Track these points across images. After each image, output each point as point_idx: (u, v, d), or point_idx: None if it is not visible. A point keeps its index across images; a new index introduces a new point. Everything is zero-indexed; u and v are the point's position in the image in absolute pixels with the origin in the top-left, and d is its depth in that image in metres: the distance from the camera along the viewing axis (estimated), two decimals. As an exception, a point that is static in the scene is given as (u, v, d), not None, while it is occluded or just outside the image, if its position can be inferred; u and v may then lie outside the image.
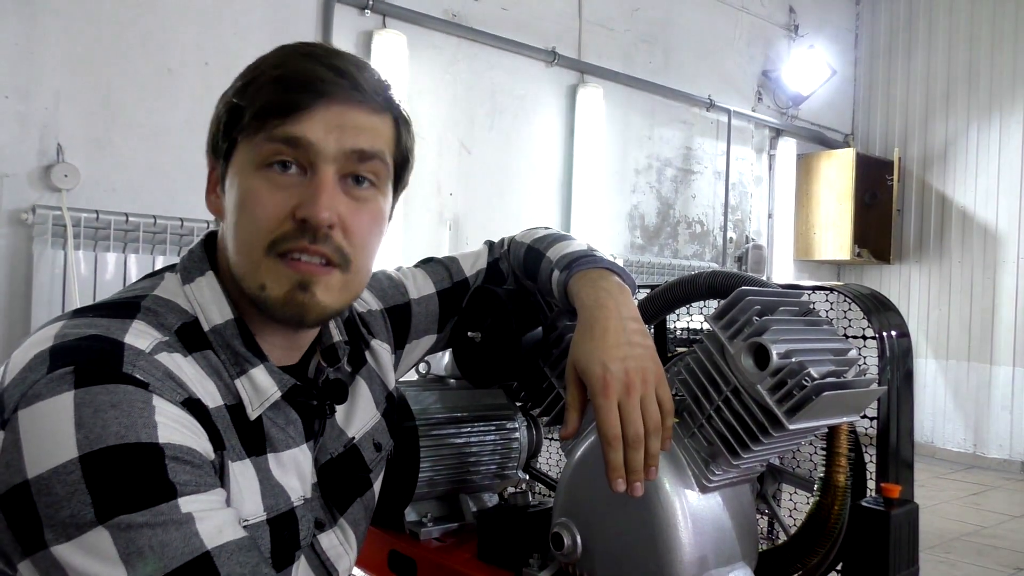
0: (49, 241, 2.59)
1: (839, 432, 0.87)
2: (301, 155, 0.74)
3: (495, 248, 1.14)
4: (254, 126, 0.74)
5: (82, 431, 0.61)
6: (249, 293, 0.76)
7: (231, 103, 0.76)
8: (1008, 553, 3.49)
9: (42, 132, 2.67)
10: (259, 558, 0.67)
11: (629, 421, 0.80)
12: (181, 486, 0.63)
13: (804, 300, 0.89)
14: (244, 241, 0.75)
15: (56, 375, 0.63)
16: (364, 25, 3.47)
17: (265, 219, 0.74)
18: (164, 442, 0.63)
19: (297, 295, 0.75)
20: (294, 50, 0.77)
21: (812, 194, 5.55)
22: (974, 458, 5.37)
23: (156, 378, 0.67)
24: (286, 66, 0.75)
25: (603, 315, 0.87)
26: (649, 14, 4.65)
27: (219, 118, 0.78)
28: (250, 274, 0.75)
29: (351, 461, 0.90)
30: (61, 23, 2.71)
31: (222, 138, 0.77)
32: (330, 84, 0.74)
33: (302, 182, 0.74)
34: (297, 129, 0.73)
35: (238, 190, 0.75)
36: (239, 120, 0.75)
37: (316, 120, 0.74)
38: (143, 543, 0.60)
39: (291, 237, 0.74)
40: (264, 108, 0.73)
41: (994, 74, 5.41)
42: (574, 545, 0.92)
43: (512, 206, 3.98)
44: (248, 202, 0.74)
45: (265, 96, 0.74)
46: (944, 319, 5.61)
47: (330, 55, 0.77)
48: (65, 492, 0.60)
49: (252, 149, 0.74)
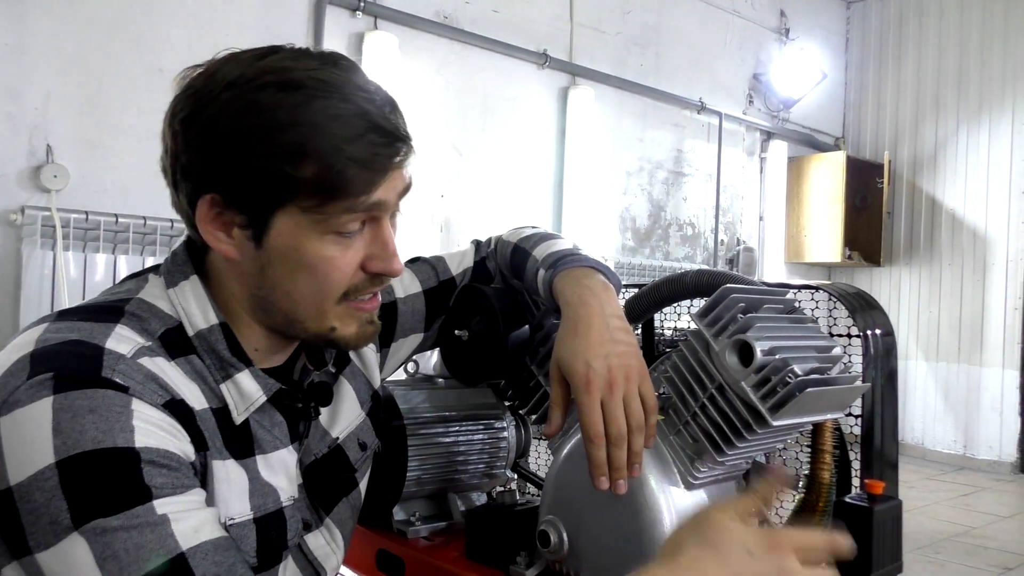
0: (38, 242, 2.58)
1: (823, 429, 0.88)
2: (370, 215, 0.76)
3: (482, 247, 1.14)
4: (323, 199, 0.72)
5: (59, 437, 0.61)
6: (313, 332, 0.79)
7: (282, 171, 0.70)
8: (997, 553, 3.51)
9: (32, 132, 2.67)
10: (236, 558, 0.67)
11: (612, 419, 0.81)
12: (157, 489, 0.63)
13: (789, 298, 0.89)
14: (311, 297, 0.77)
15: (36, 381, 0.63)
16: (355, 27, 3.47)
17: (340, 278, 0.77)
18: (141, 446, 0.64)
19: (366, 329, 0.82)
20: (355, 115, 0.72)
21: (803, 197, 5.57)
22: (964, 459, 5.40)
23: (137, 381, 0.67)
24: (364, 142, 0.72)
25: (587, 313, 0.87)
26: (640, 17, 4.66)
27: (252, 176, 0.71)
28: (316, 319, 0.78)
29: (336, 461, 0.90)
30: (51, 23, 2.70)
31: (256, 198, 0.72)
32: (404, 154, 0.76)
33: (362, 233, 0.77)
34: (374, 198, 0.74)
35: (303, 255, 0.74)
36: (293, 189, 0.71)
37: (388, 183, 0.75)
38: (118, 546, 0.61)
39: (363, 288, 0.79)
40: (344, 188, 0.72)
41: (983, 78, 5.44)
42: (561, 543, 0.92)
43: (503, 208, 3.99)
44: (321, 267, 0.75)
45: (349, 178, 0.71)
46: (934, 321, 5.63)
47: (393, 109, 0.76)
48: (43, 499, 0.60)
49: (323, 219, 0.73)
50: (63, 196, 2.68)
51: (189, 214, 0.76)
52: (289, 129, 0.70)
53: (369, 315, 0.81)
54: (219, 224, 0.74)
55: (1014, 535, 3.83)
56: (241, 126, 0.70)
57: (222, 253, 0.76)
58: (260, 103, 0.70)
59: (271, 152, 0.70)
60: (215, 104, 0.71)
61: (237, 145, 0.71)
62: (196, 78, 0.74)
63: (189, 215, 0.76)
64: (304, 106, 0.70)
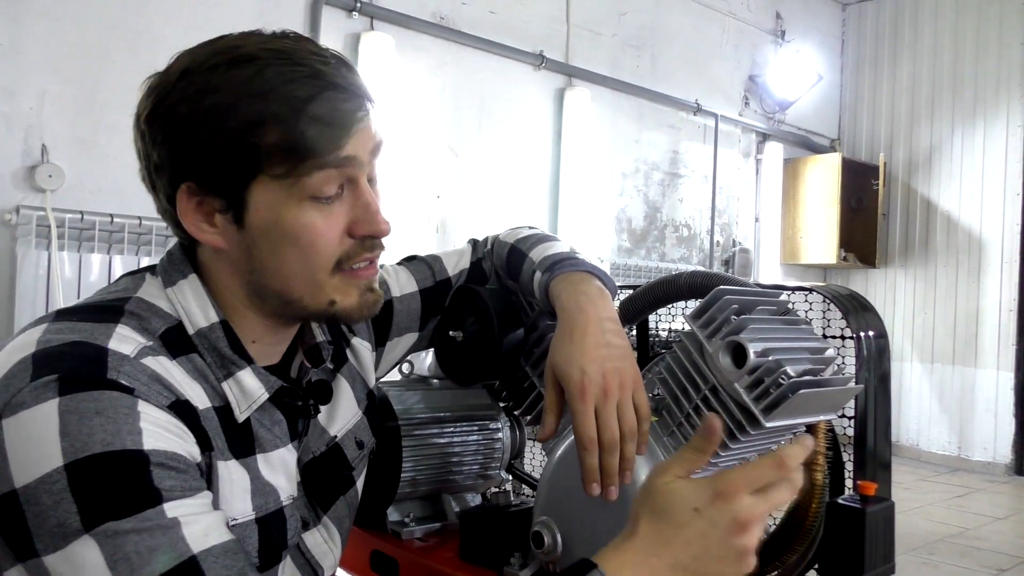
0: (33, 242, 2.58)
1: (816, 431, 0.88)
2: (343, 174, 0.75)
3: (479, 247, 1.14)
4: (292, 163, 0.71)
5: (67, 439, 0.61)
6: (315, 309, 0.78)
7: (246, 142, 0.70)
8: (991, 554, 3.52)
9: (26, 132, 2.66)
10: (244, 561, 0.67)
11: (605, 426, 0.81)
12: (166, 492, 0.63)
13: (782, 300, 0.89)
14: (302, 270, 0.76)
15: (40, 383, 0.63)
16: (352, 27, 3.47)
17: (326, 246, 0.75)
18: (149, 448, 0.63)
19: (368, 297, 0.81)
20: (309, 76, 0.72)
21: (798, 198, 5.58)
22: (959, 461, 5.41)
23: (142, 383, 0.67)
24: (322, 100, 0.72)
25: (583, 319, 0.87)
26: (636, 19, 4.67)
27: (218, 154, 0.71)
28: (314, 294, 0.77)
29: (334, 460, 0.91)
30: (47, 23, 2.69)
31: (227, 175, 0.72)
32: (366, 110, 0.75)
33: (343, 197, 0.76)
34: (344, 152, 0.73)
35: (284, 226, 0.73)
36: (260, 158, 0.71)
37: (355, 138, 0.74)
38: (130, 549, 0.61)
39: (355, 254, 0.77)
40: (310, 148, 0.71)
41: (978, 81, 5.46)
42: (554, 543, 0.92)
43: (500, 209, 3.99)
44: (304, 236, 0.74)
45: (311, 137, 0.71)
46: (929, 323, 5.65)
47: (348, 70, 0.76)
48: (51, 501, 0.60)
49: (295, 185, 0.72)
50: (58, 196, 2.67)
51: (171, 212, 0.76)
52: (245, 100, 0.70)
53: (367, 282, 0.80)
54: (200, 214, 0.75)
55: (1008, 536, 3.84)
56: (199, 108, 0.71)
57: (209, 244, 0.76)
58: (213, 82, 0.71)
59: (232, 126, 0.71)
60: (172, 95, 0.72)
61: (198, 127, 0.71)
62: (153, 77, 0.75)
63: (172, 213, 0.76)
64: (257, 76, 0.71)
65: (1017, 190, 5.26)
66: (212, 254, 0.78)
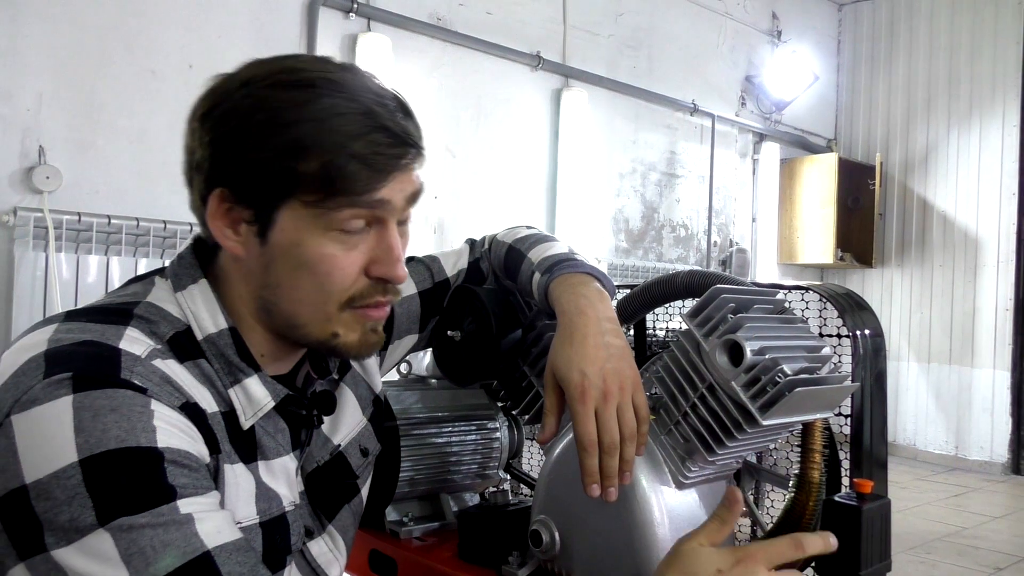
0: (30, 243, 2.58)
1: (813, 429, 0.88)
2: (374, 214, 0.76)
3: (476, 247, 1.14)
4: (326, 194, 0.72)
5: (82, 435, 0.61)
6: (316, 338, 0.79)
7: (286, 165, 0.71)
8: (988, 553, 3.52)
9: (24, 134, 2.66)
10: (256, 559, 0.68)
11: (605, 428, 0.82)
12: (180, 489, 0.64)
13: (779, 299, 0.90)
14: (314, 298, 0.76)
15: (54, 380, 0.63)
16: (349, 28, 3.47)
17: (341, 280, 0.76)
18: (163, 446, 0.64)
19: (370, 337, 0.81)
20: (361, 113, 0.73)
21: (795, 198, 5.59)
22: (956, 460, 5.42)
23: (154, 383, 0.67)
24: (368, 140, 0.72)
25: (582, 322, 0.87)
26: (633, 19, 4.68)
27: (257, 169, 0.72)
28: (319, 324, 0.78)
29: (338, 468, 0.91)
30: (44, 25, 2.69)
31: (261, 191, 0.73)
32: (411, 158, 0.76)
33: (367, 235, 0.76)
34: (382, 193, 0.74)
35: (304, 251, 0.74)
36: (293, 181, 0.72)
37: (393, 183, 0.75)
38: (144, 543, 0.61)
39: (367, 294, 0.78)
40: (345, 185, 0.72)
41: (974, 81, 5.47)
42: (552, 542, 0.93)
43: (497, 209, 3.99)
44: (322, 265, 0.75)
45: (349, 174, 0.72)
46: (926, 322, 5.66)
47: (405, 114, 0.77)
48: (65, 496, 0.60)
49: (323, 215, 0.73)
50: (55, 197, 2.68)
51: (201, 211, 0.77)
52: (294, 124, 0.71)
53: (374, 324, 0.81)
54: (228, 220, 0.76)
55: (1005, 535, 3.85)
56: (250, 121, 0.72)
57: (229, 250, 0.77)
58: (269, 99, 0.72)
59: (276, 146, 0.72)
60: (229, 101, 0.74)
61: (245, 139, 0.72)
62: (218, 78, 0.77)
63: (201, 212, 0.77)
64: (311, 103, 0.72)
65: (1013, 190, 5.28)
66: (231, 261, 0.79)
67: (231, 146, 0.73)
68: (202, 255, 0.81)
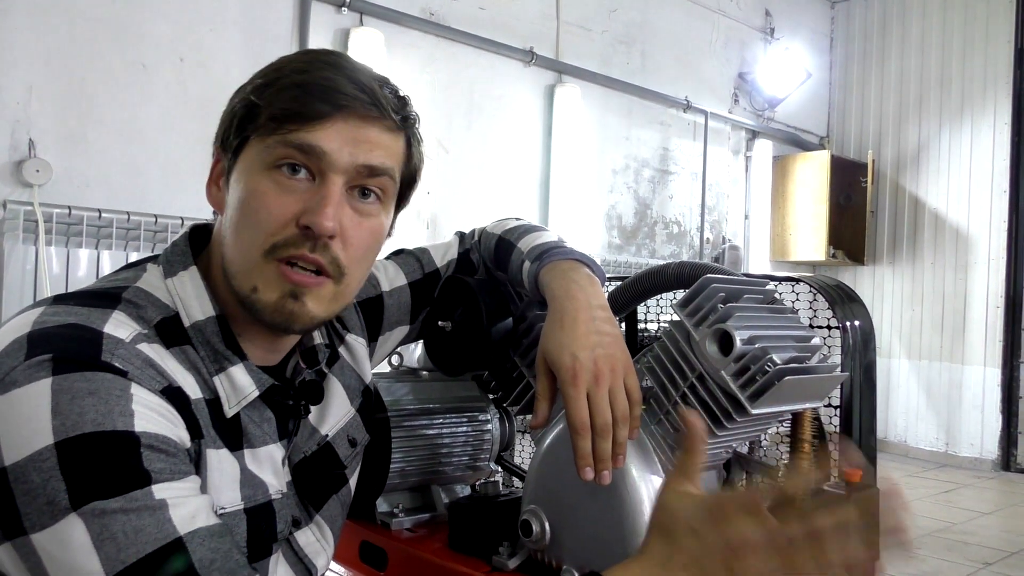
0: (20, 237, 2.56)
1: (802, 419, 0.89)
2: (312, 162, 0.74)
3: (466, 239, 1.14)
4: (269, 127, 0.74)
5: (58, 418, 0.61)
6: (239, 292, 0.76)
7: (248, 100, 0.76)
8: (977, 549, 3.54)
9: (14, 127, 2.64)
10: (231, 544, 0.67)
11: (598, 411, 0.82)
12: (156, 474, 0.63)
13: (769, 289, 0.90)
14: (243, 240, 0.75)
15: (34, 362, 0.63)
16: (341, 23, 3.46)
17: (268, 221, 0.74)
18: (140, 431, 0.64)
19: (288, 303, 0.75)
20: (319, 57, 0.77)
21: (788, 195, 5.60)
22: (946, 457, 5.45)
23: (135, 366, 0.67)
24: (309, 73, 0.75)
25: (573, 306, 0.87)
26: (626, 16, 4.68)
27: (233, 112, 0.77)
28: (244, 274, 0.75)
29: (325, 459, 0.90)
30: (34, 17, 2.68)
31: (234, 133, 0.77)
32: (351, 97, 0.75)
33: (309, 188, 0.75)
34: (312, 137, 0.74)
35: (244, 188, 0.75)
36: (254, 118, 0.75)
37: (332, 131, 0.74)
38: (116, 528, 0.61)
39: (292, 243, 0.74)
40: (282, 112, 0.74)
41: (965, 78, 5.50)
42: (543, 532, 0.93)
43: (490, 205, 3.99)
44: (253, 201, 0.74)
45: (285, 100, 0.74)
46: (917, 319, 5.68)
47: (354, 68, 0.78)
48: (41, 479, 0.60)
49: (264, 150, 0.74)
50: (45, 191, 2.66)
51: None
52: (273, 72, 0.77)
53: (294, 288, 0.75)
54: (215, 177, 0.81)
55: (995, 531, 3.88)
56: (246, 85, 0.78)
57: (213, 207, 0.81)
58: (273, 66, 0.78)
59: (248, 89, 0.77)
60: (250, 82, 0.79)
61: (234, 96, 0.79)
62: None
63: None
64: (295, 61, 0.77)
65: (1004, 187, 5.30)
66: (218, 239, 0.79)
67: (227, 108, 0.79)
68: (196, 243, 0.81)
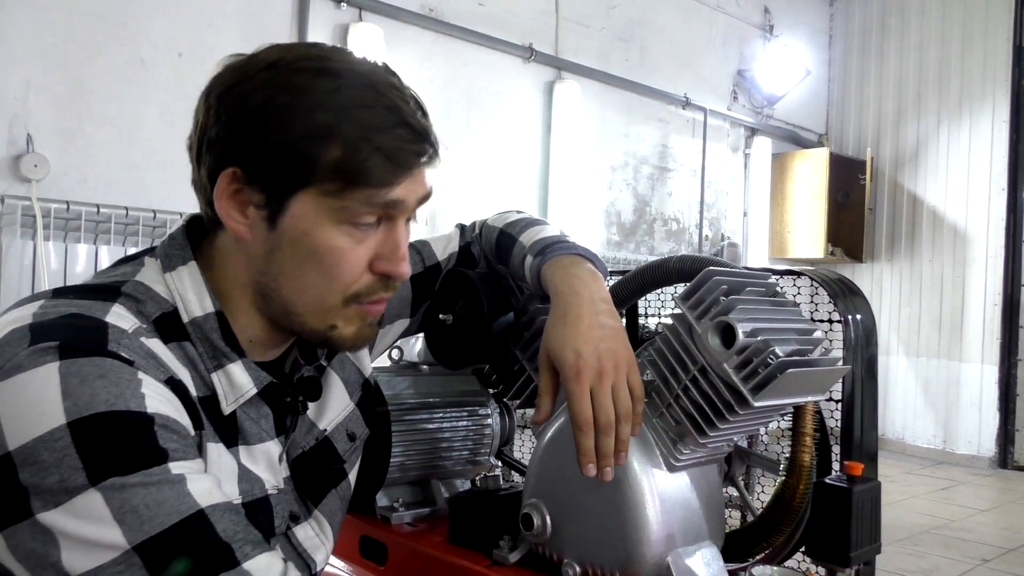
0: (18, 232, 2.56)
1: (804, 412, 0.89)
2: (387, 211, 0.76)
3: (467, 232, 1.14)
4: (344, 185, 0.72)
5: (69, 399, 0.61)
6: (310, 328, 0.78)
7: (306, 152, 0.71)
8: (975, 545, 3.55)
9: (11, 122, 2.64)
10: (246, 519, 0.68)
11: (601, 407, 0.81)
12: (172, 452, 0.64)
13: (771, 282, 0.90)
14: (317, 288, 0.76)
15: (39, 348, 0.63)
16: (340, 18, 3.45)
17: (348, 274, 0.76)
18: (153, 412, 0.64)
19: (365, 331, 0.81)
20: (386, 108, 0.73)
21: (786, 193, 5.60)
22: (944, 454, 5.46)
23: (140, 356, 0.67)
24: (392, 135, 0.73)
25: (576, 302, 0.87)
26: (626, 12, 4.67)
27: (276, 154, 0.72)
28: (318, 315, 0.78)
29: (324, 454, 0.90)
30: (32, 12, 2.67)
31: (278, 177, 0.73)
32: (428, 155, 0.77)
33: (376, 230, 0.77)
34: (394, 194, 0.75)
35: (313, 240, 0.74)
36: (312, 169, 0.72)
37: (409, 182, 0.76)
38: (137, 502, 0.61)
39: (371, 291, 0.78)
40: (366, 177, 0.72)
41: (964, 76, 5.50)
42: (544, 526, 0.92)
43: (489, 202, 3.98)
44: (329, 257, 0.75)
45: (372, 167, 0.72)
46: (915, 317, 5.69)
47: (423, 114, 0.78)
48: (53, 459, 0.59)
49: (340, 206, 0.73)
50: (43, 186, 2.65)
51: (207, 189, 0.76)
52: (320, 111, 0.71)
53: (372, 318, 0.81)
54: (235, 202, 0.74)
55: (992, 528, 3.88)
56: (273, 103, 0.71)
57: (234, 232, 0.76)
58: (295, 83, 0.72)
59: (299, 131, 0.71)
60: (251, 81, 0.73)
61: (266, 121, 0.72)
62: (238, 58, 0.76)
63: (207, 190, 0.76)
64: (337, 92, 0.72)
65: (1002, 185, 5.30)
66: (231, 242, 0.78)
67: (250, 127, 0.72)
68: (194, 236, 0.80)
